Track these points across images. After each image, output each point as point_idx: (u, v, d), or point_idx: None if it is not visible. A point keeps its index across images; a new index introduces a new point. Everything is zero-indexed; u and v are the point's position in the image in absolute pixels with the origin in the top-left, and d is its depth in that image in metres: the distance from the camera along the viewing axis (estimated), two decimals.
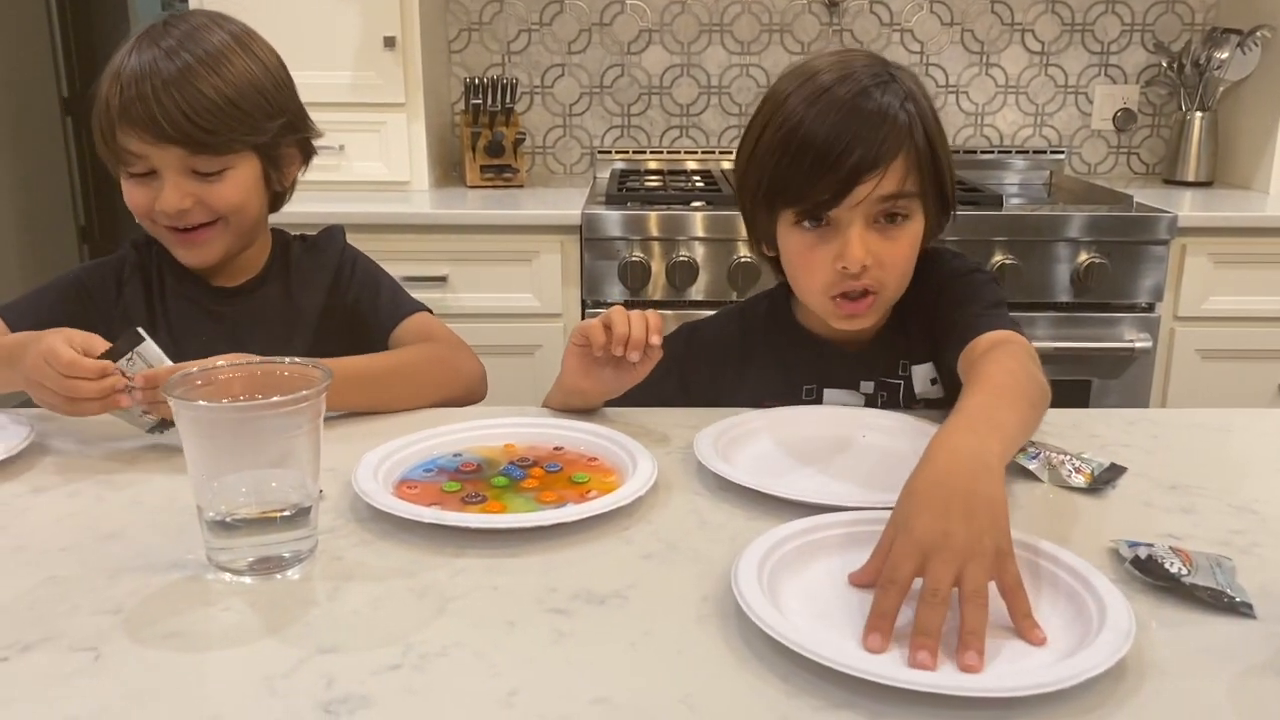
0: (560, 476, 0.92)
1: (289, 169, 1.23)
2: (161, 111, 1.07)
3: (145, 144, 1.09)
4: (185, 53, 1.10)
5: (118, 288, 1.23)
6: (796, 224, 1.05)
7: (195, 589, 0.74)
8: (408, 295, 1.29)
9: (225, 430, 0.74)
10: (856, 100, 1.00)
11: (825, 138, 0.99)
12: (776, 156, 1.03)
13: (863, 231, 1.02)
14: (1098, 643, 0.63)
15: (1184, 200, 2.37)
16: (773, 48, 2.72)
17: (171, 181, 1.12)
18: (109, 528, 0.83)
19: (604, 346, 1.02)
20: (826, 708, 0.60)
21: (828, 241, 1.04)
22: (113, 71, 1.11)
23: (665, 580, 0.75)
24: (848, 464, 0.98)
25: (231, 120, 1.11)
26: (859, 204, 1.01)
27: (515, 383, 2.24)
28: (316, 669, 0.63)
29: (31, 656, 0.65)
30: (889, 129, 1.00)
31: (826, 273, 1.04)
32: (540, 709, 0.60)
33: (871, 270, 1.03)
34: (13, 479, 0.93)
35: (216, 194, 1.14)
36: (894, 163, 1.00)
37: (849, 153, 0.99)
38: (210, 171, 1.13)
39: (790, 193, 1.03)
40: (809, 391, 1.16)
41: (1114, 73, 2.72)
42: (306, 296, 1.24)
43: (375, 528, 0.83)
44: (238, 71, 1.12)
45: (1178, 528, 0.85)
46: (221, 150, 1.12)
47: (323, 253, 1.28)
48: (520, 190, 2.48)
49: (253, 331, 1.21)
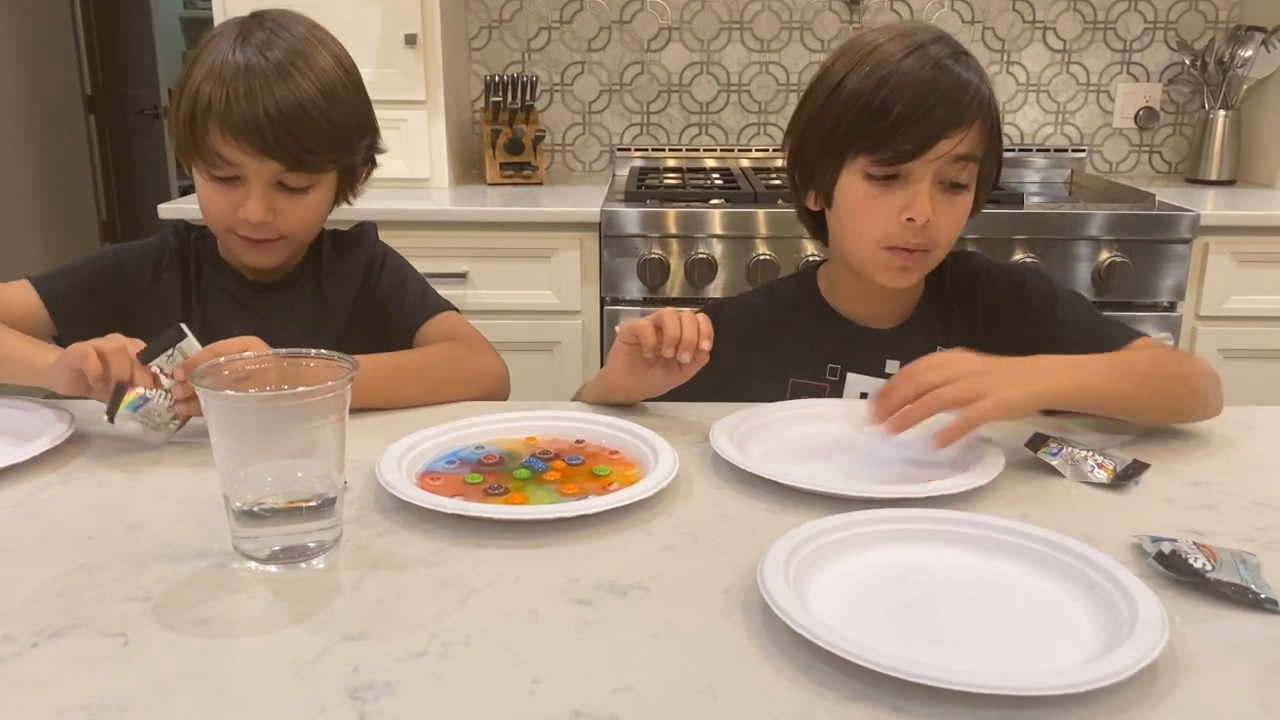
0: (582, 469, 0.92)
1: (360, 185, 1.25)
2: (270, 127, 1.07)
3: (243, 154, 1.09)
4: (294, 69, 1.09)
5: (155, 272, 1.24)
6: (866, 174, 1.08)
7: (222, 577, 0.74)
8: (435, 294, 1.29)
9: (252, 420, 0.75)
10: (947, 62, 1.05)
11: (917, 91, 1.03)
12: (863, 102, 1.06)
13: (931, 186, 1.06)
14: (1131, 641, 0.62)
15: (1206, 199, 2.35)
16: (792, 45, 2.71)
17: (259, 193, 1.12)
18: (136, 517, 0.84)
19: (654, 348, 1.02)
20: (848, 700, 0.60)
21: (894, 193, 1.07)
22: (212, 68, 1.09)
23: (687, 572, 0.76)
24: (866, 456, 0.98)
25: (330, 141, 1.12)
26: (936, 160, 1.05)
27: (534, 379, 2.25)
28: (342, 656, 0.64)
29: (61, 642, 0.65)
30: (974, 94, 1.06)
31: (890, 223, 1.08)
32: (563, 697, 0.60)
33: (929, 229, 1.07)
34: (43, 469, 0.94)
35: (295, 211, 1.15)
36: (974, 125, 1.06)
37: (938, 108, 1.03)
38: (298, 187, 1.14)
39: (872, 139, 1.06)
40: (833, 371, 1.17)
41: (1136, 71, 2.71)
42: (337, 292, 1.25)
43: (399, 518, 0.84)
44: (342, 97, 1.13)
45: (1201, 524, 0.84)
46: (315, 169, 1.13)
47: (354, 249, 1.29)
48: (540, 188, 2.49)
49: (284, 325, 1.22)
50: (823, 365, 1.16)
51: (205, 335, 1.00)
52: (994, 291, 1.18)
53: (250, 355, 0.79)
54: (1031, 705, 0.59)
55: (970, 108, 1.05)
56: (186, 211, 2.07)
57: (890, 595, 0.72)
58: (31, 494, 0.89)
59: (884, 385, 0.93)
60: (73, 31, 4.46)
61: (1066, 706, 0.59)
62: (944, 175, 1.07)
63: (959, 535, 0.78)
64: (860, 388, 1.17)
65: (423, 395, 1.12)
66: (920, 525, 0.79)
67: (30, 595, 0.71)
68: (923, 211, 1.05)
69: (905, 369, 0.93)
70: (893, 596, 0.72)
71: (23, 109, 4.01)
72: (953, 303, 1.19)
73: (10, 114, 3.93)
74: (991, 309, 1.17)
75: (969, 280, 1.19)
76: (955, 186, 1.08)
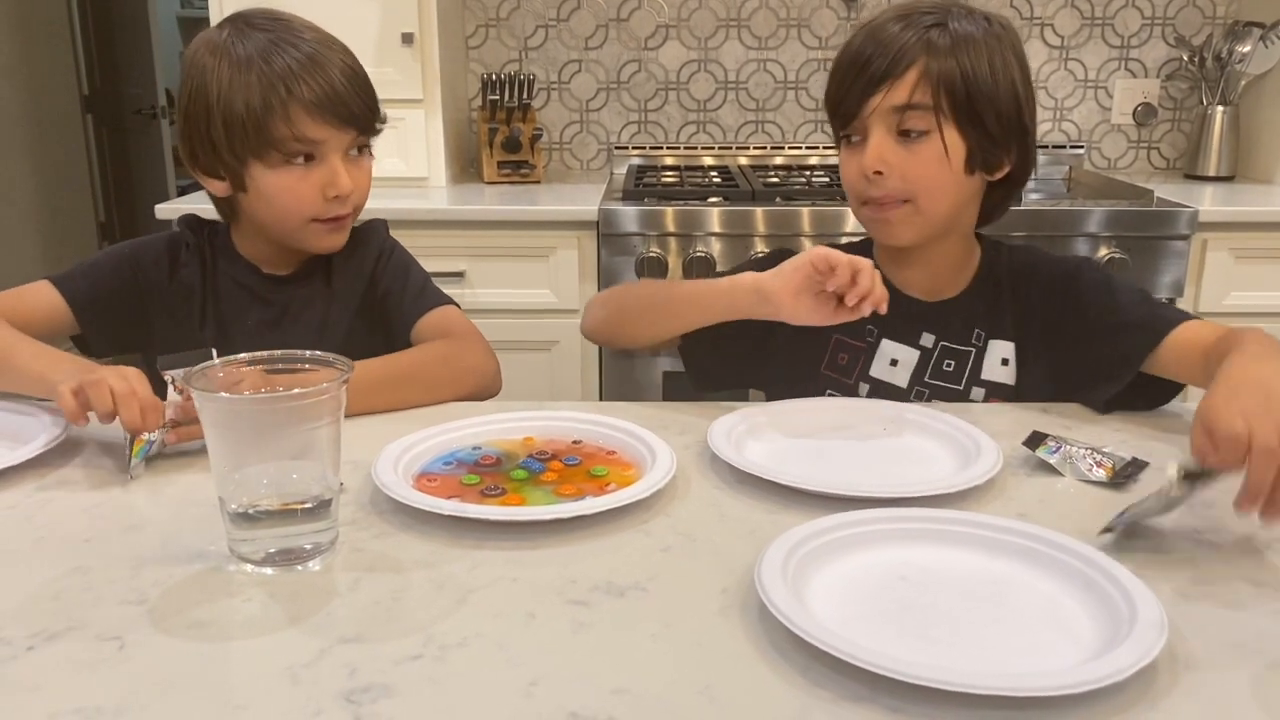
0: (579, 470, 0.92)
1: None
2: (346, 91, 1.12)
3: (327, 127, 1.12)
4: (305, 40, 1.13)
5: (173, 266, 1.24)
6: (843, 140, 1.16)
7: (217, 580, 0.74)
8: (434, 289, 1.29)
9: (247, 423, 0.74)
10: (888, 24, 1.11)
11: (851, 58, 1.12)
12: (830, 81, 1.16)
13: (880, 140, 1.10)
14: (1130, 640, 0.62)
15: (1205, 195, 2.35)
16: (790, 43, 2.71)
17: (340, 164, 1.15)
18: (132, 520, 0.84)
19: (844, 286, 1.01)
20: (845, 701, 0.60)
21: (857, 153, 1.13)
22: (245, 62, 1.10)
23: (685, 573, 0.75)
24: (864, 457, 0.98)
25: (376, 101, 1.18)
26: (874, 113, 1.10)
27: (532, 379, 2.25)
28: (338, 659, 0.64)
29: (57, 645, 0.65)
30: (904, 45, 1.09)
31: (858, 181, 1.13)
32: (560, 699, 0.60)
33: (889, 179, 1.11)
34: (38, 472, 0.93)
35: (363, 180, 1.19)
36: (904, 76, 1.09)
37: (866, 67, 1.10)
38: (363, 149, 1.18)
39: (830, 110, 1.16)
40: (870, 333, 1.19)
41: (1134, 67, 2.70)
42: (346, 288, 1.25)
43: (395, 520, 0.83)
44: (350, 51, 1.18)
45: (1199, 521, 0.84)
46: (376, 129, 1.19)
47: (363, 245, 1.29)
48: (537, 186, 2.48)
49: (295, 319, 1.23)
50: (862, 326, 1.17)
51: (219, 328, 1.00)
52: (1051, 281, 1.19)
53: (244, 356, 0.78)
54: (1030, 706, 0.59)
55: (899, 59, 1.09)
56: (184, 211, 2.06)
57: (889, 594, 0.72)
58: (28, 496, 0.89)
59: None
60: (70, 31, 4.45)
61: (1065, 707, 0.59)
62: (892, 123, 1.10)
63: (957, 534, 0.78)
64: (892, 355, 1.18)
65: (416, 398, 1.12)
66: (919, 524, 0.79)
67: (26, 598, 0.71)
68: (868, 163, 1.10)
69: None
70: (891, 596, 0.71)
71: (20, 109, 4.00)
72: (1004, 292, 1.20)
73: (8, 114, 3.92)
74: (1047, 300, 1.19)
75: (1025, 272, 1.21)
76: (909, 134, 1.10)
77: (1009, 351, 1.18)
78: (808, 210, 2.14)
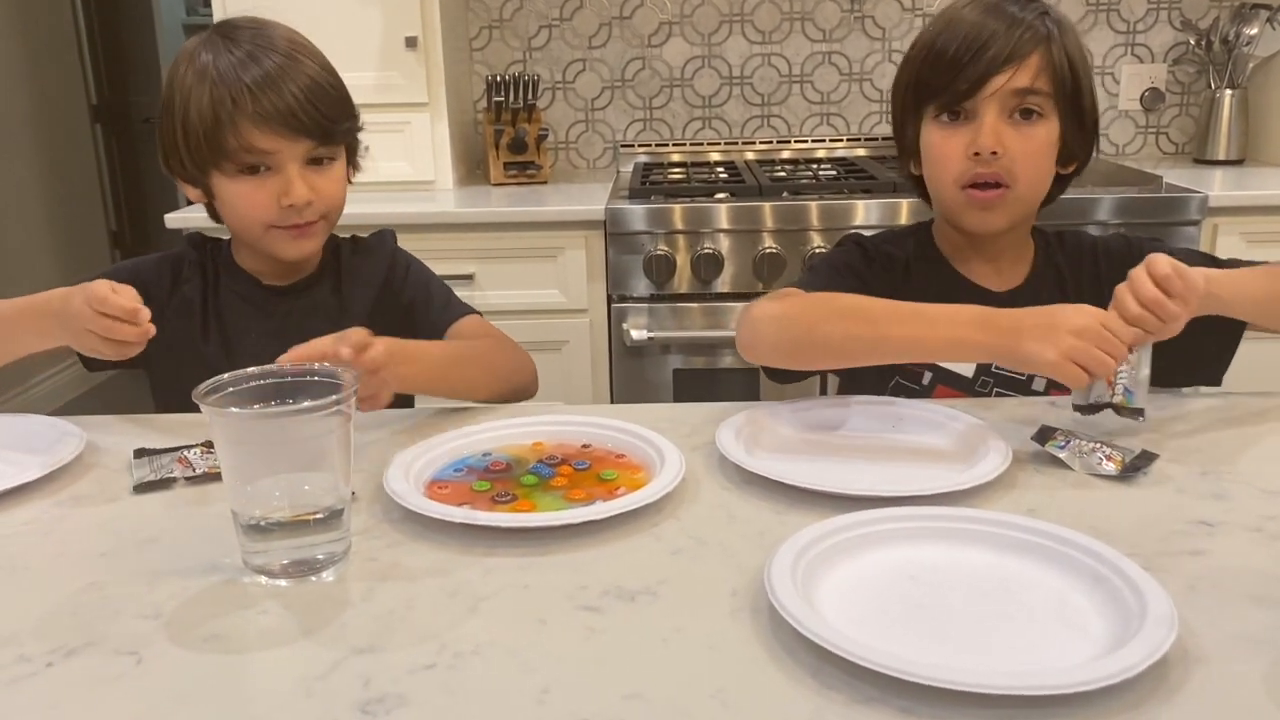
0: (589, 474, 0.92)
1: (357, 160, 1.27)
2: (295, 102, 1.11)
3: (278, 138, 1.11)
4: (275, 49, 1.12)
5: (174, 284, 1.25)
6: (936, 119, 1.14)
7: (232, 592, 0.75)
8: (459, 299, 1.32)
9: (258, 436, 0.75)
10: (1000, 4, 1.11)
11: (966, 34, 1.10)
12: (924, 55, 1.14)
13: (995, 120, 1.10)
14: (1140, 636, 0.62)
15: (1214, 179, 2.34)
16: (794, 37, 2.70)
17: (297, 174, 1.14)
18: (148, 533, 0.85)
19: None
20: (856, 703, 0.60)
21: (960, 130, 1.12)
22: (202, 73, 1.11)
23: (695, 576, 0.76)
24: (874, 456, 0.98)
25: (341, 107, 1.16)
26: (993, 94, 1.09)
27: (543, 379, 2.23)
28: (353, 670, 0.64)
29: (75, 661, 0.66)
30: (1026, 29, 1.10)
31: (960, 161, 1.12)
32: (573, 706, 0.61)
33: (1002, 160, 1.10)
34: (54, 487, 0.94)
35: (328, 188, 1.18)
36: (1029, 60, 1.09)
37: (987, 47, 1.09)
38: (326, 159, 1.17)
39: (933, 87, 1.13)
40: None
41: (1141, 52, 2.69)
42: (356, 297, 1.26)
43: (407, 528, 0.84)
44: (324, 61, 1.17)
45: (1210, 514, 0.84)
46: (338, 139, 1.18)
47: (373, 254, 1.30)
48: (544, 186, 2.49)
49: (301, 331, 1.22)
50: None
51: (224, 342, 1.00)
52: (1114, 263, 1.20)
53: (254, 370, 0.79)
54: (1041, 704, 0.59)
55: (1022, 42, 1.09)
56: (193, 219, 2.07)
57: (898, 594, 0.72)
58: (45, 511, 0.90)
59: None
60: (77, 41, 4.47)
61: (1077, 705, 0.59)
62: (1009, 106, 1.10)
63: (966, 532, 0.78)
64: None
65: (482, 379, 1.15)
66: (928, 523, 0.79)
67: (45, 614, 0.72)
68: (986, 142, 1.09)
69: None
70: (901, 595, 0.72)
71: (30, 119, 4.02)
72: (1067, 281, 1.22)
73: (18, 125, 3.95)
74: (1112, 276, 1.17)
75: (1085, 254, 1.23)
76: (1025, 114, 1.11)
77: None
78: (816, 204, 2.14)
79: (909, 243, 1.25)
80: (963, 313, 0.98)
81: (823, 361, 1.08)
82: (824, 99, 2.75)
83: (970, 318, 0.97)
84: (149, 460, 0.97)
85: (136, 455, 0.98)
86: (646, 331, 2.16)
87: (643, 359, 2.21)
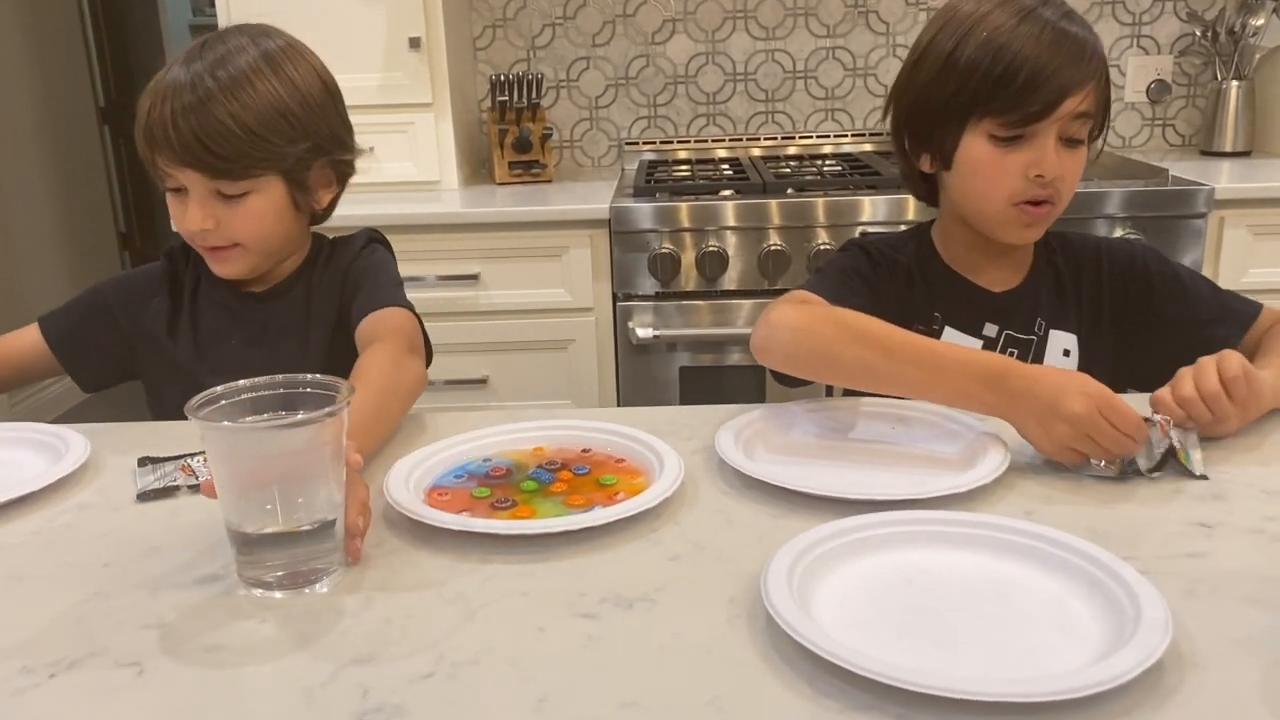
0: (588, 479, 0.93)
1: (320, 192, 1.23)
2: (178, 137, 1.09)
3: (171, 165, 1.12)
4: (210, 78, 1.10)
5: (142, 300, 1.26)
6: (991, 135, 1.12)
7: (233, 603, 0.75)
8: (386, 293, 1.21)
9: (250, 449, 0.76)
10: (1064, 24, 1.11)
11: (1040, 55, 1.08)
12: (985, 69, 1.10)
13: (1052, 142, 1.11)
14: (1135, 640, 0.62)
15: (1221, 171, 2.33)
16: (798, 32, 2.70)
17: (196, 200, 1.14)
18: (150, 543, 0.85)
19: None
20: (852, 710, 0.60)
21: (1020, 152, 1.11)
22: (150, 89, 1.13)
23: (693, 582, 0.76)
24: (872, 459, 0.98)
25: (246, 146, 1.11)
26: (1060, 119, 1.10)
27: (549, 377, 2.26)
28: (351, 680, 0.65)
29: (77, 673, 0.67)
30: (1091, 54, 1.11)
31: (1017, 180, 1.12)
32: (570, 714, 0.61)
33: (1055, 182, 1.12)
34: (58, 496, 0.95)
35: (237, 219, 1.15)
36: (1091, 85, 1.11)
37: (1062, 69, 1.08)
38: (233, 194, 1.14)
39: (999, 103, 1.10)
40: (936, 319, 1.20)
41: (1146, 44, 2.68)
42: (323, 301, 1.25)
43: (406, 535, 0.84)
44: (260, 96, 1.12)
45: (1209, 515, 0.84)
46: (239, 175, 1.13)
47: (340, 257, 1.28)
48: (549, 185, 2.49)
49: (278, 336, 1.23)
50: (929, 314, 1.20)
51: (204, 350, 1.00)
52: (1117, 273, 1.22)
53: (245, 383, 0.80)
54: (1035, 711, 0.59)
55: (1090, 65, 1.10)
56: None
57: (894, 599, 0.72)
58: (48, 520, 0.91)
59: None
60: (84, 43, 4.49)
61: (1071, 710, 0.59)
62: (1065, 131, 1.11)
63: (963, 536, 0.78)
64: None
65: (393, 430, 1.07)
66: (924, 527, 0.79)
67: (47, 624, 0.73)
68: (1052, 167, 1.10)
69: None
70: (897, 600, 0.72)
71: (38, 122, 4.04)
72: (1065, 281, 1.22)
73: (26, 127, 3.97)
74: (1117, 291, 1.22)
75: (1088, 257, 1.24)
76: (1074, 142, 1.12)
77: (1071, 343, 1.20)
78: (821, 201, 2.14)
79: (910, 247, 1.25)
80: (975, 364, 0.97)
81: (831, 379, 1.10)
82: (828, 94, 2.74)
83: (982, 373, 0.96)
84: (153, 468, 0.97)
85: (140, 463, 0.98)
86: (652, 330, 2.16)
87: (649, 357, 2.21)
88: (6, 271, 3.70)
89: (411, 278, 2.12)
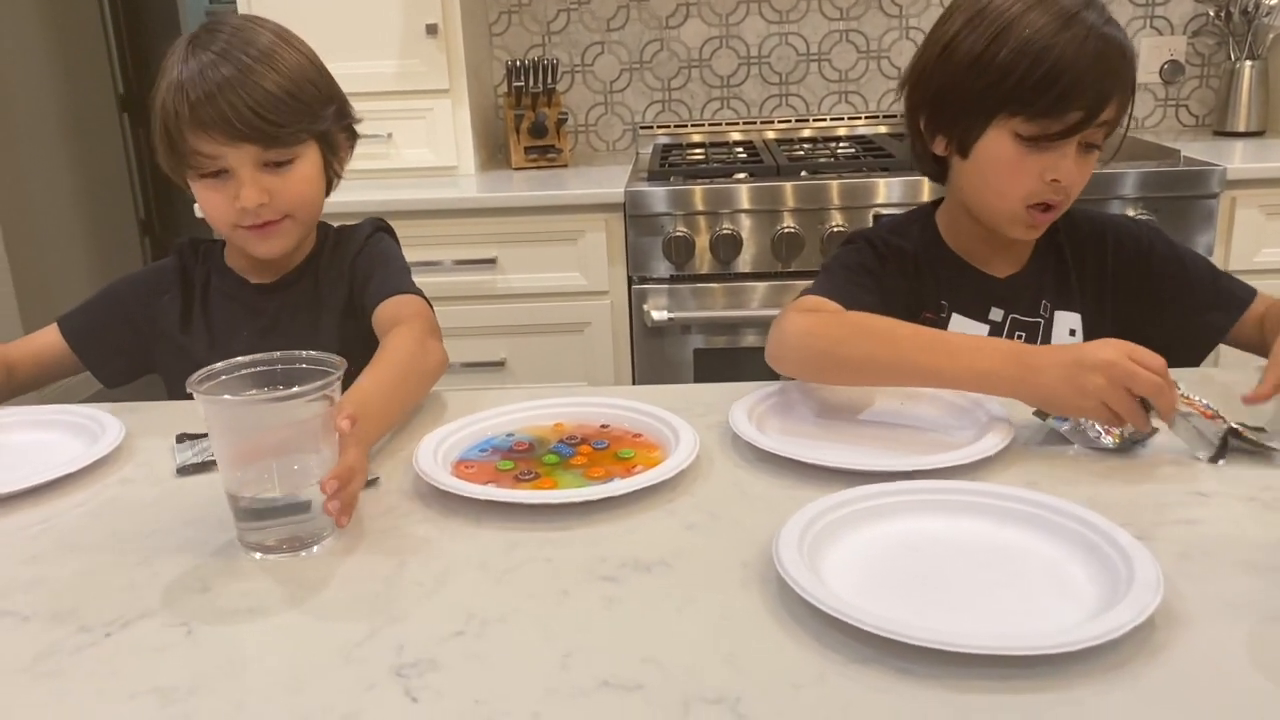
0: (607, 453, 0.96)
1: (343, 155, 1.28)
2: (232, 111, 1.11)
3: (219, 145, 1.13)
4: (239, 53, 1.13)
5: (153, 297, 1.30)
6: (1017, 134, 1.10)
7: (272, 568, 0.80)
8: (399, 279, 1.26)
9: (249, 422, 0.80)
10: (1106, 31, 1.08)
11: (1080, 63, 1.06)
12: (1024, 71, 1.07)
13: (1074, 149, 1.11)
14: (1128, 599, 0.66)
15: (1235, 151, 2.34)
16: (811, 15, 2.72)
17: (248, 178, 1.16)
18: (192, 514, 0.90)
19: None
20: (857, 663, 0.64)
21: (1041, 155, 1.11)
22: (170, 82, 1.14)
23: (708, 548, 0.80)
24: (881, 433, 1.01)
25: (295, 111, 1.16)
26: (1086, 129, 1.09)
27: (566, 360, 2.30)
28: (388, 637, 0.69)
29: (131, 631, 0.71)
30: (1128, 65, 1.10)
31: (1033, 182, 1.12)
32: (594, 669, 0.65)
33: (1068, 187, 1.13)
34: (101, 471, 1.00)
35: (289, 189, 1.18)
36: (1115, 94, 1.09)
37: (1100, 82, 1.07)
38: (283, 162, 1.17)
39: (1038, 108, 1.08)
40: (943, 307, 1.22)
41: (1160, 24, 2.69)
42: (331, 289, 1.28)
43: (436, 506, 0.89)
44: (290, 64, 1.17)
45: (1206, 486, 0.87)
46: (290, 142, 1.17)
47: (346, 245, 1.31)
48: (565, 170, 2.52)
49: (288, 326, 1.26)
50: (936, 301, 1.22)
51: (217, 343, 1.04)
52: (1121, 250, 1.23)
53: (245, 359, 0.84)
54: (1030, 664, 0.63)
55: (1127, 74, 1.10)
56: None
57: (899, 563, 0.76)
58: (95, 494, 0.95)
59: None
60: (103, 32, 4.53)
61: (1065, 664, 0.63)
62: (1086, 138, 1.11)
63: (966, 504, 0.81)
64: (961, 330, 1.20)
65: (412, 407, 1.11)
66: (929, 496, 0.82)
67: (99, 589, 0.77)
68: (1069, 174, 1.11)
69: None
70: (901, 565, 0.75)
71: (59, 111, 4.09)
72: (1068, 261, 1.24)
73: (47, 117, 4.02)
74: (1120, 269, 1.23)
75: (1092, 239, 1.24)
76: (1091, 147, 1.12)
77: (1075, 322, 1.22)
78: (835, 183, 2.16)
79: (914, 231, 1.25)
80: (991, 345, 0.99)
81: (844, 379, 1.08)
82: (842, 77, 2.76)
83: (997, 350, 0.97)
84: (191, 444, 1.02)
85: (179, 439, 1.03)
86: (667, 312, 2.20)
87: (663, 339, 2.24)
88: (30, 257, 3.76)
89: (429, 262, 2.18)
